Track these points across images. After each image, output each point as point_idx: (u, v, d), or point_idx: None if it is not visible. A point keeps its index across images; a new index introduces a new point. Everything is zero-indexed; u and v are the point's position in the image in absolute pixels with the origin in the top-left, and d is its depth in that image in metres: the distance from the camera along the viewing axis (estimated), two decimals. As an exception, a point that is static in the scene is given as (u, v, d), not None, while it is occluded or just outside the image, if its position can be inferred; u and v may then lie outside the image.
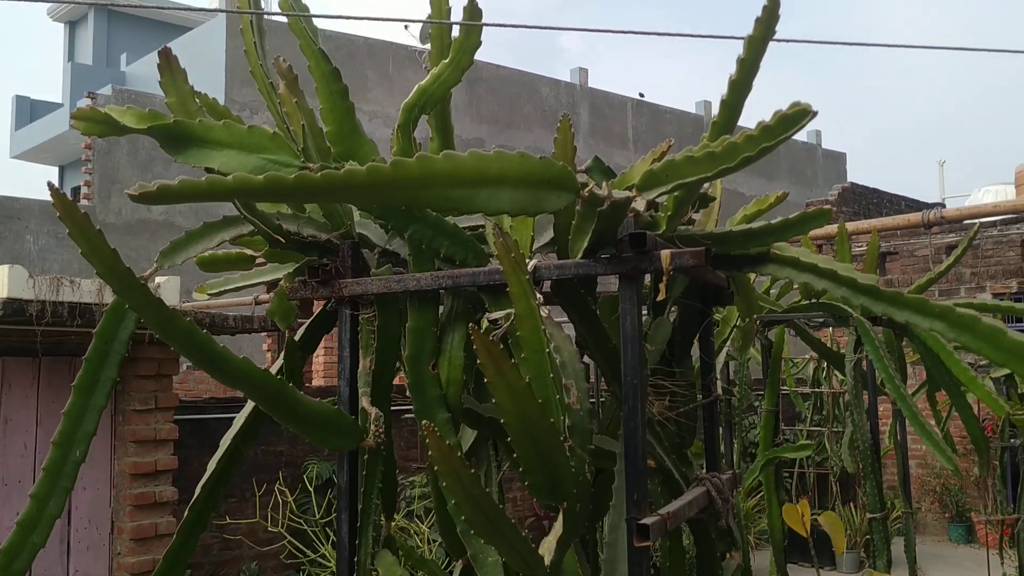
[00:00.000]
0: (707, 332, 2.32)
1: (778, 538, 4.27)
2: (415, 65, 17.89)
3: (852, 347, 3.93)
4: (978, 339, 1.84)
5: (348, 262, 1.97)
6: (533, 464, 1.56)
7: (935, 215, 3.76)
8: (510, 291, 1.57)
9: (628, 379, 1.72)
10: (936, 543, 10.54)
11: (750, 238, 1.90)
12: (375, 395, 1.97)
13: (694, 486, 2.07)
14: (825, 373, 10.11)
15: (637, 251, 1.70)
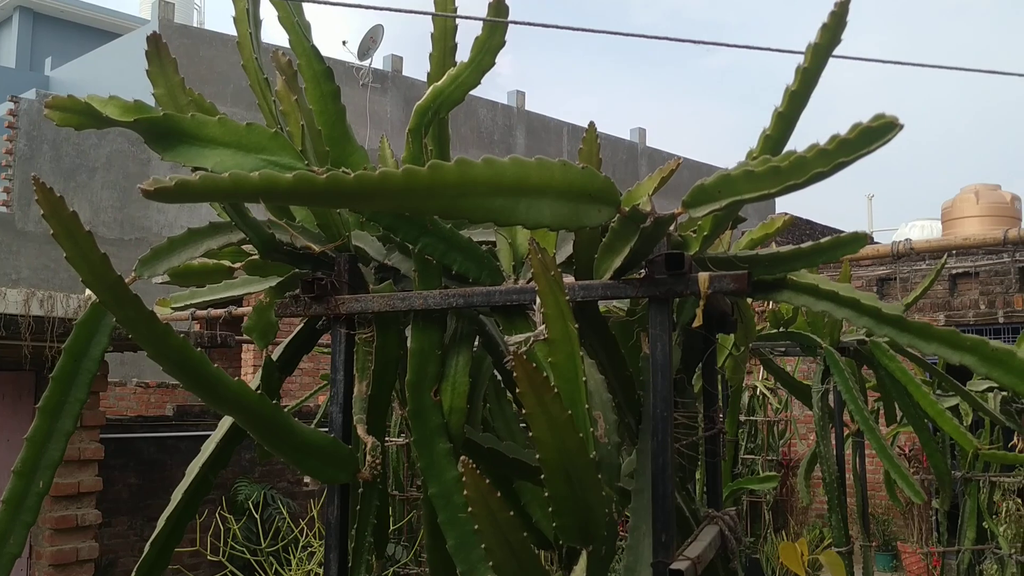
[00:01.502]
0: (711, 361, 2.20)
1: (737, 571, 4.17)
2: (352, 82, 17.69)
3: (819, 377, 3.87)
4: (1012, 375, 1.76)
5: (344, 277, 1.81)
6: (567, 504, 1.42)
7: (904, 246, 3.74)
8: (545, 312, 1.43)
9: (658, 411, 1.59)
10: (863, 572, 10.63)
11: (777, 263, 1.80)
12: (371, 423, 1.80)
13: (705, 524, 1.95)
14: (760, 401, 10.17)
15: (673, 273, 1.57)
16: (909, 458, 9.69)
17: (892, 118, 1.21)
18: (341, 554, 1.78)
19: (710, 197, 1.42)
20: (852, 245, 1.78)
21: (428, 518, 1.85)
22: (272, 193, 1.15)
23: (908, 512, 10.78)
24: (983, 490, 5.90)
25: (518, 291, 1.67)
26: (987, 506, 5.89)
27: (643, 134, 20.15)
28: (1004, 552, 5.75)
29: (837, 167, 1.27)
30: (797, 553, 2.35)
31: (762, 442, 10.23)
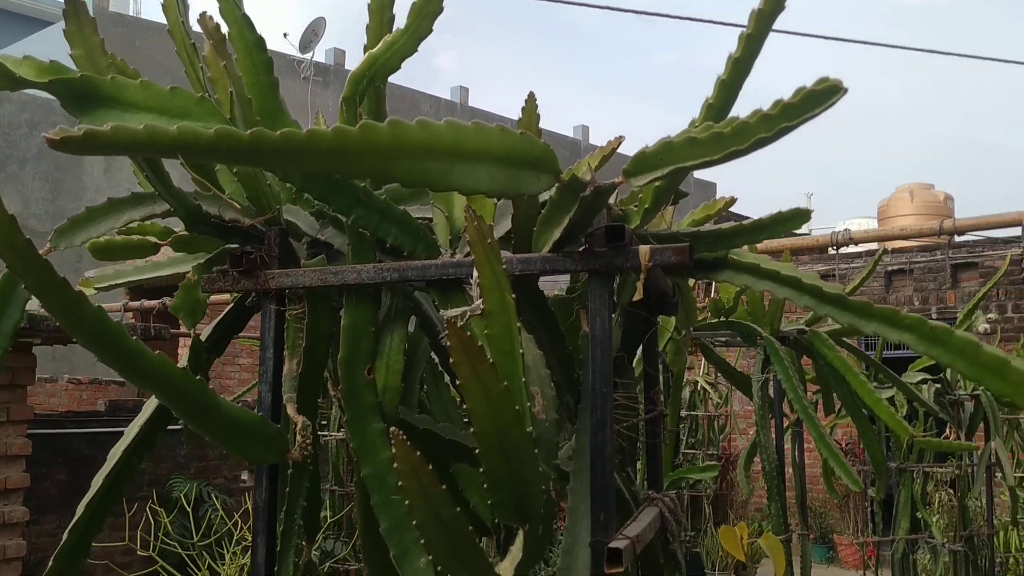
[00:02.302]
0: (652, 342, 2.18)
1: (677, 561, 4.17)
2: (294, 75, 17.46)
3: (760, 367, 3.89)
4: (951, 353, 1.75)
5: (275, 251, 1.74)
6: (502, 479, 1.37)
7: (843, 236, 3.76)
8: (481, 283, 1.38)
9: (596, 387, 1.55)
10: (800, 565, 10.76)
11: (719, 240, 1.77)
12: (301, 402, 1.74)
13: (645, 506, 1.92)
14: (701, 396, 10.25)
15: (613, 246, 1.54)
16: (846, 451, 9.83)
17: (836, 81, 1.18)
18: (269, 537, 1.71)
19: (652, 165, 1.39)
20: (793, 221, 1.77)
21: (361, 500, 1.79)
22: (190, 148, 1.09)
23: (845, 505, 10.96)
24: (917, 481, 5.99)
25: (454, 264, 1.63)
26: (921, 496, 5.98)
27: (586, 131, 20.21)
28: (937, 541, 5.85)
29: (780, 132, 1.24)
30: (737, 537, 2.33)
31: (703, 437, 10.31)
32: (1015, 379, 1.68)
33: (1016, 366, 1.68)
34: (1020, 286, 10.07)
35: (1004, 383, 1.70)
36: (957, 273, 10.53)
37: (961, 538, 5.82)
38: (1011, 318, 9.98)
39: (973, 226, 3.54)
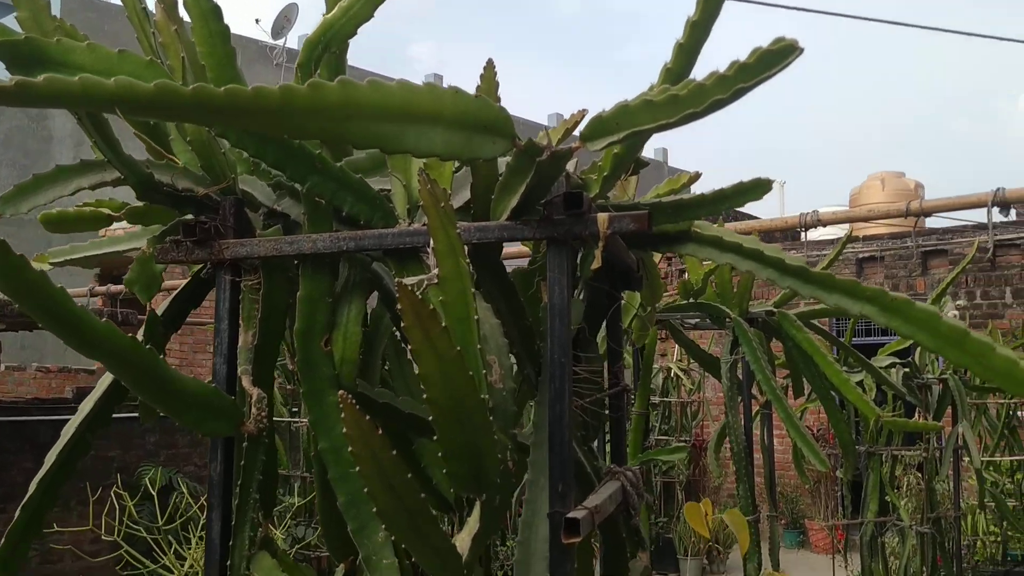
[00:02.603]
0: (615, 317, 2.16)
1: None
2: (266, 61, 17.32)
3: (728, 348, 3.89)
4: (911, 324, 1.75)
5: (230, 221, 1.71)
6: (457, 447, 1.35)
7: (811, 218, 3.77)
8: (436, 248, 1.36)
9: (555, 357, 1.54)
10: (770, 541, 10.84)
11: (681, 210, 1.76)
12: (257, 374, 1.71)
13: (607, 480, 1.91)
14: (674, 382, 10.29)
15: (571, 213, 1.52)
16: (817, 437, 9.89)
17: (791, 41, 1.17)
18: (224, 512, 1.68)
19: (608, 129, 1.37)
20: (755, 191, 1.76)
21: (319, 475, 1.77)
22: (129, 102, 1.06)
23: (816, 490, 11.04)
24: (885, 464, 6.04)
25: (411, 233, 1.60)
26: (889, 480, 6.03)
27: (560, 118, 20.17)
28: (905, 524, 5.89)
29: (737, 93, 1.22)
30: (701, 513, 2.33)
31: (675, 423, 10.35)
32: (973, 349, 1.68)
33: (975, 337, 1.68)
34: (988, 273, 10.17)
35: (963, 354, 1.70)
36: (927, 260, 10.61)
37: (928, 520, 5.87)
38: (979, 304, 10.08)
39: (940, 207, 3.55)
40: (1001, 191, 3.36)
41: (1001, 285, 10.05)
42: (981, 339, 1.68)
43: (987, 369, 1.68)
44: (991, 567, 7.79)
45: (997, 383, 1.69)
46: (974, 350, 1.69)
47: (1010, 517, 7.36)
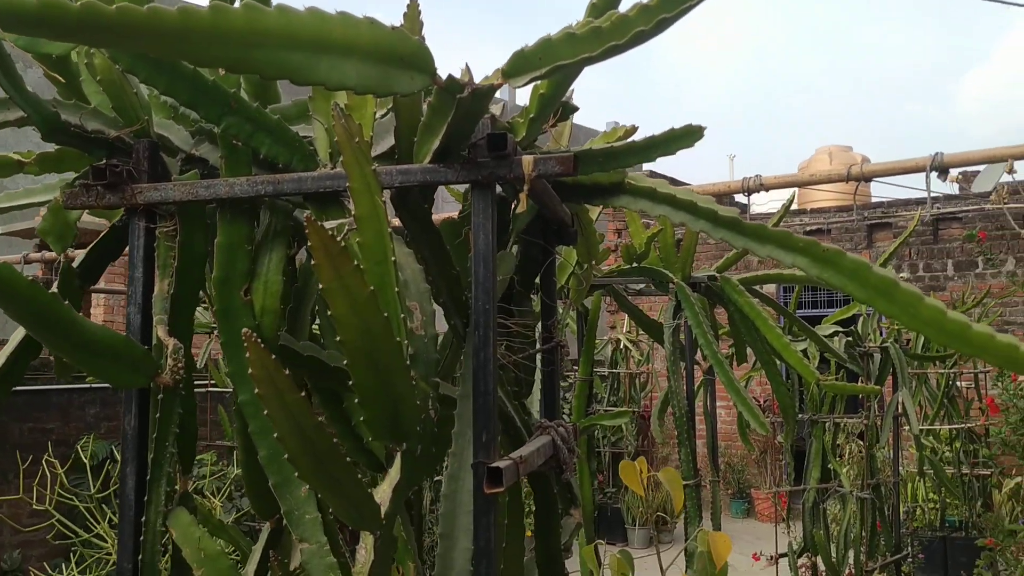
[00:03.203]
0: (549, 272, 2.13)
1: (589, 509, 4.18)
2: None
3: (671, 313, 3.88)
4: (842, 275, 1.73)
5: (144, 165, 1.64)
6: (373, 393, 1.30)
7: (755, 182, 3.76)
8: (350, 187, 1.31)
9: (479, 303, 1.50)
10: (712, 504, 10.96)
11: (612, 157, 1.72)
12: (174, 324, 1.65)
13: (537, 435, 1.88)
14: (623, 354, 10.32)
15: (495, 155, 1.48)
16: (764, 408, 10.01)
17: (714, -33, 1.13)
18: (139, 466, 1.63)
19: (531, 65, 1.32)
20: (687, 139, 1.73)
21: (240, 429, 1.71)
22: (11, 18, 0.99)
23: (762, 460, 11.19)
24: (828, 432, 6.11)
25: (332, 176, 1.55)
26: (831, 447, 6.10)
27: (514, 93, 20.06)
28: (846, 490, 5.98)
29: (660, 24, 1.18)
30: (636, 471, 2.31)
31: (624, 395, 10.40)
32: (902, 300, 1.67)
33: (904, 287, 1.67)
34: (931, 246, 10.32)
35: (892, 304, 1.69)
36: (872, 233, 10.74)
37: (868, 486, 5.96)
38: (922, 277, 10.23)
39: (880, 171, 3.56)
40: (939, 155, 3.38)
41: (943, 258, 10.20)
42: (910, 289, 1.67)
43: (915, 319, 1.68)
44: (929, 533, 7.96)
45: (925, 333, 1.68)
46: (903, 300, 1.68)
47: (948, 484, 7.51)
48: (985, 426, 7.36)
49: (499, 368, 1.92)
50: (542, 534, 1.95)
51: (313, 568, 1.61)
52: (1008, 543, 5.70)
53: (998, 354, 1.58)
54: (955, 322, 1.60)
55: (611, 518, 10.02)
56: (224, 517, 5.31)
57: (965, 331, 1.60)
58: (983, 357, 1.61)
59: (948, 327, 1.62)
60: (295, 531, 1.63)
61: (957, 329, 1.61)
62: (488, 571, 1.48)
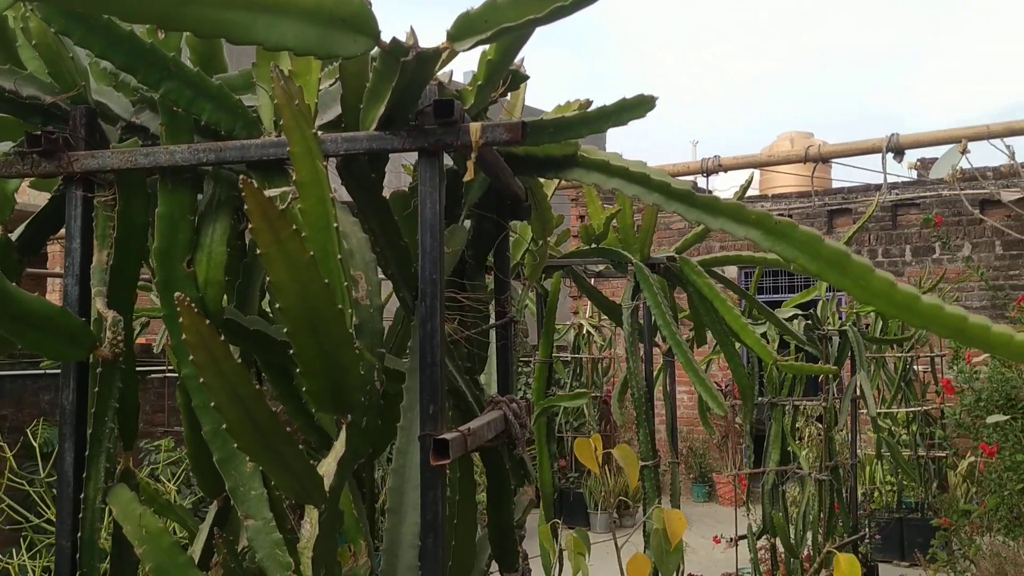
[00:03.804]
0: (503, 248, 2.11)
1: (548, 491, 4.18)
2: None
3: (630, 293, 3.87)
4: (794, 247, 1.73)
5: (81, 132, 1.59)
6: (315, 363, 1.27)
7: (713, 163, 3.76)
8: (291, 151, 1.27)
9: (426, 274, 1.47)
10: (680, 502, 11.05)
11: (563, 128, 1.70)
12: (114, 296, 1.60)
13: (489, 409, 1.86)
14: (586, 339, 10.34)
15: (443, 122, 1.45)
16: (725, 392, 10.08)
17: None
18: (78, 442, 1.58)
19: (476, 27, 1.30)
20: (639, 109, 1.71)
21: (184, 404, 1.68)
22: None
23: (723, 445, 11.27)
24: (787, 415, 6.16)
25: (276, 144, 1.51)
26: (791, 430, 6.15)
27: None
28: (804, 472, 6.03)
29: (605, -17, 1.16)
30: (591, 448, 2.30)
31: (587, 380, 10.42)
32: (854, 272, 1.67)
33: (856, 260, 1.67)
34: (890, 231, 10.43)
35: (844, 277, 1.69)
36: (833, 219, 10.83)
37: (827, 468, 6.02)
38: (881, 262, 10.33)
39: (838, 152, 3.58)
40: (895, 136, 3.39)
41: (901, 243, 10.32)
42: (861, 261, 1.67)
43: (866, 292, 1.68)
44: (887, 514, 8.06)
45: (876, 305, 1.68)
46: (855, 273, 1.68)
47: (904, 466, 7.61)
48: (940, 408, 7.46)
49: (451, 344, 1.90)
50: (494, 510, 1.93)
51: (259, 545, 1.58)
52: (962, 523, 5.78)
53: (946, 325, 1.58)
54: (905, 294, 1.60)
55: (573, 503, 10.05)
56: (181, 503, 5.24)
57: (914, 303, 1.60)
58: (932, 328, 1.61)
59: (898, 299, 1.62)
60: (240, 508, 1.59)
61: (906, 300, 1.61)
62: (436, 545, 1.46)
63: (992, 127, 3.34)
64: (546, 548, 2.77)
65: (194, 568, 1.58)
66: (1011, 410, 5.68)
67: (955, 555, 5.47)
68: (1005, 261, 9.76)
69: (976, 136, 3.34)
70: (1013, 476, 5.38)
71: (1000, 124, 3.33)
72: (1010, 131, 3.32)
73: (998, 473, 5.48)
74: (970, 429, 6.22)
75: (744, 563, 6.27)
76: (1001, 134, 3.30)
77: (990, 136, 3.32)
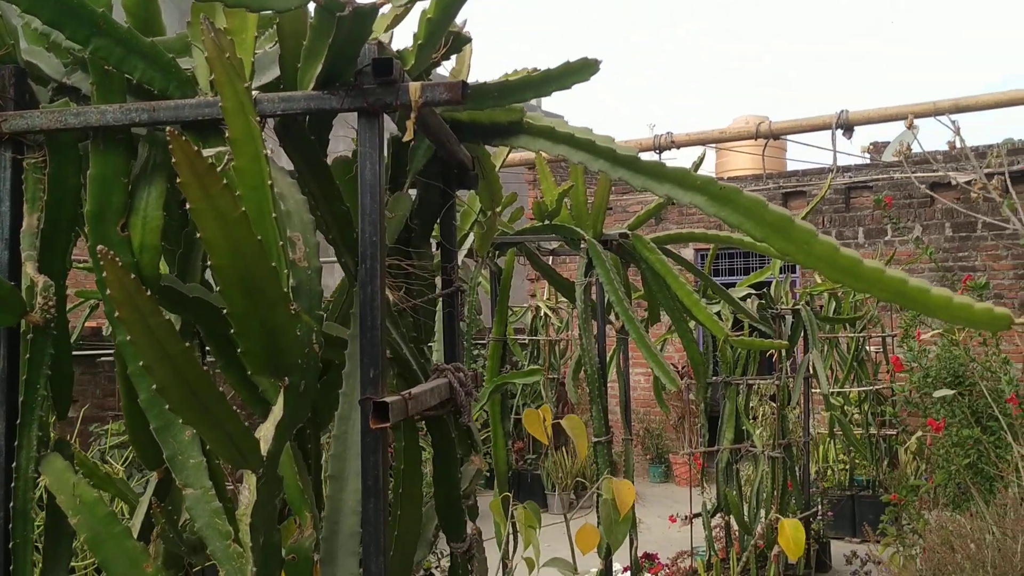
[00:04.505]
0: (449, 216, 2.09)
1: (503, 469, 4.17)
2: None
3: (583, 270, 3.87)
4: (739, 213, 1.73)
5: (10, 92, 1.54)
6: (248, 323, 1.25)
7: (666, 139, 3.76)
8: (223, 107, 1.24)
9: (366, 236, 1.45)
10: (637, 483, 11.09)
11: (507, 92, 1.69)
12: (45, 261, 1.56)
13: (434, 377, 1.84)
14: (543, 321, 10.35)
15: (381, 81, 1.42)
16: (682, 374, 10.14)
17: None
18: (9, 410, 1.54)
19: (413, -19, 1.27)
20: (583, 72, 1.70)
21: (120, 374, 1.64)
22: None
23: (680, 425, 11.36)
24: (741, 393, 6.20)
25: (212, 103, 1.47)
26: (745, 409, 6.20)
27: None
28: (758, 450, 6.09)
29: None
30: (540, 419, 2.30)
31: (544, 362, 10.44)
32: (798, 237, 1.67)
33: (799, 224, 1.67)
34: (843, 214, 10.54)
35: (788, 242, 1.69)
36: (788, 201, 10.92)
37: (780, 446, 6.08)
38: (835, 244, 10.43)
39: (788, 129, 3.60)
40: (844, 113, 3.42)
41: (854, 225, 10.44)
42: (805, 226, 1.67)
43: (810, 256, 1.68)
44: (839, 492, 8.17)
45: (820, 269, 1.68)
46: (798, 238, 1.69)
47: (856, 443, 7.71)
48: (890, 385, 7.57)
49: (397, 313, 1.88)
50: (441, 480, 1.92)
51: (198, 514, 1.55)
52: (911, 499, 5.88)
53: (888, 288, 1.59)
54: (847, 257, 1.61)
55: (531, 484, 10.08)
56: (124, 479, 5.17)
57: (856, 266, 1.61)
58: (874, 291, 1.62)
59: (841, 262, 1.62)
60: (178, 477, 1.56)
61: (849, 264, 1.61)
62: (376, 511, 1.45)
63: (939, 104, 3.37)
64: (497, 522, 2.76)
65: (130, 538, 1.55)
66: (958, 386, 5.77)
67: (904, 530, 5.56)
68: (954, 243, 9.92)
69: (923, 112, 3.37)
70: (959, 451, 5.48)
71: (947, 101, 3.36)
72: (956, 108, 3.36)
73: (945, 449, 5.57)
74: (919, 406, 6.31)
75: (699, 541, 6.32)
76: (948, 110, 3.33)
77: (937, 113, 3.36)
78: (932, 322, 8.54)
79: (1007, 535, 4.23)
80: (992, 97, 3.31)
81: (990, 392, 5.36)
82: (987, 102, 3.30)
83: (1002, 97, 3.27)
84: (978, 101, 3.32)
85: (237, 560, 1.50)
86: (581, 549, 2.29)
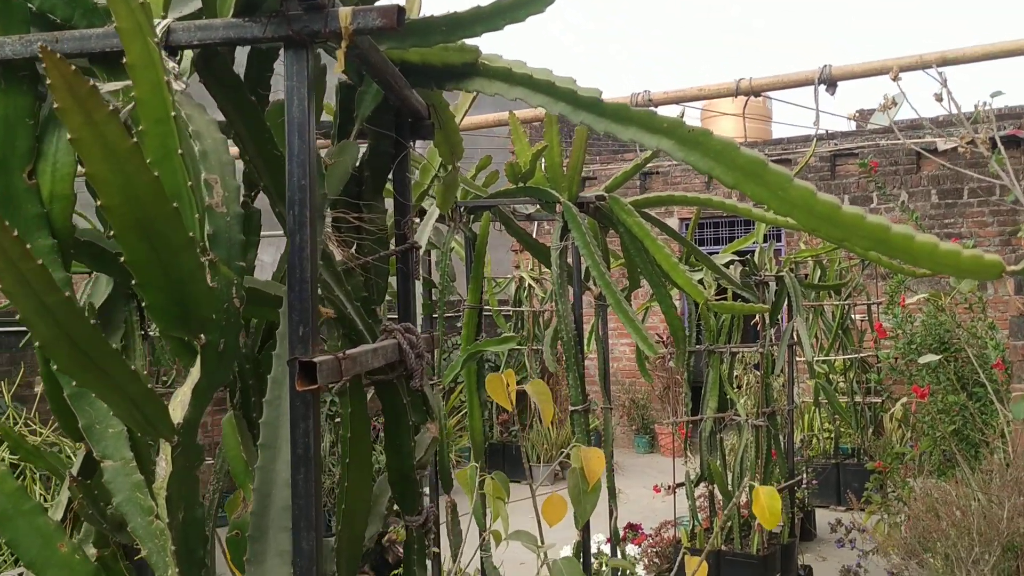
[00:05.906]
0: (403, 168, 1.95)
1: (479, 439, 4.05)
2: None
3: (559, 234, 3.73)
4: (708, 157, 1.60)
5: (-100, 24, 1.39)
6: (149, 271, 1.11)
7: (643, 97, 3.62)
8: (117, 27, 1.09)
9: (294, 179, 1.31)
10: (623, 454, 11.08)
11: (456, 25, 1.55)
12: (-56, 212, 1.42)
13: (382, 339, 1.71)
14: (527, 292, 10.23)
15: (308, 6, 1.28)
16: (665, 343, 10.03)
17: None
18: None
19: None
20: (537, 2, 1.55)
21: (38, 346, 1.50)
22: None
23: (664, 396, 11.29)
24: (725, 362, 6.10)
25: (119, 34, 1.32)
26: (728, 377, 6.10)
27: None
28: (742, 418, 5.99)
29: None
30: (503, 383, 2.17)
31: (528, 333, 10.32)
32: (772, 181, 1.54)
33: (773, 168, 1.54)
34: (829, 182, 10.43)
35: (761, 187, 1.56)
36: (773, 169, 10.79)
37: (764, 415, 5.99)
38: (820, 211, 10.33)
39: (769, 85, 3.46)
40: (827, 68, 3.28)
41: (840, 193, 10.33)
42: (779, 170, 1.55)
43: (785, 202, 1.55)
44: (824, 460, 8.11)
45: (795, 217, 1.55)
46: (772, 182, 1.56)
47: (841, 411, 7.64)
48: (875, 352, 7.48)
49: (345, 271, 1.74)
50: (392, 449, 1.79)
51: (117, 488, 1.42)
52: (896, 466, 5.80)
53: (869, 235, 1.46)
54: (825, 203, 1.48)
55: (514, 456, 9.99)
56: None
57: (835, 212, 1.49)
58: (853, 240, 1.49)
59: (818, 208, 1.50)
60: (96, 448, 1.43)
61: (827, 210, 1.49)
62: (307, 481, 1.32)
63: (925, 56, 3.24)
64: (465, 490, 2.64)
65: (42, 515, 1.42)
66: (944, 352, 5.68)
67: (889, 498, 5.48)
68: (940, 210, 9.82)
69: (909, 66, 3.23)
70: (944, 418, 5.39)
71: (934, 53, 3.23)
72: (944, 60, 3.22)
73: (931, 415, 5.48)
74: (904, 373, 6.22)
75: (683, 511, 6.24)
76: (934, 62, 3.20)
77: (923, 65, 3.22)
78: (917, 286, 8.45)
79: (992, 501, 4.14)
80: (981, 49, 3.18)
81: (976, 358, 5.27)
82: (976, 54, 3.17)
83: (991, 48, 3.13)
84: (966, 53, 3.18)
85: (160, 537, 1.37)
86: (548, 521, 2.17)
